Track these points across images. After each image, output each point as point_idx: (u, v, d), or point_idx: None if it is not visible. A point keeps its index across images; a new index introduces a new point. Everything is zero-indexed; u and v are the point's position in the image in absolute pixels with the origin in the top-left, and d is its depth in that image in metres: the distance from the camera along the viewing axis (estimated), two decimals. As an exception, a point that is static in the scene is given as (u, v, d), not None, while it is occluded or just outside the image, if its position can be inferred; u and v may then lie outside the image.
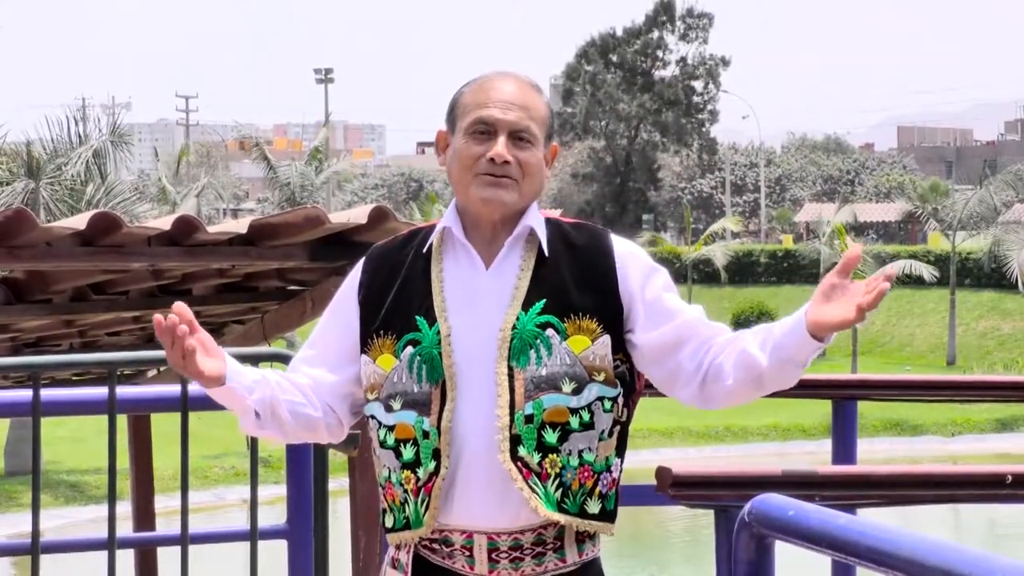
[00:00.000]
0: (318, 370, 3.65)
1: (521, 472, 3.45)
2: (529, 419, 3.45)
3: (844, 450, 6.20)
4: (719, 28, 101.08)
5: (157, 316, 3.37)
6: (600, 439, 3.52)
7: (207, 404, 5.47)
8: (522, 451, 3.45)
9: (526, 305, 3.50)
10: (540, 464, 3.46)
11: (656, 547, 26.82)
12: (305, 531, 5.28)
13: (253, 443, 5.44)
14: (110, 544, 5.20)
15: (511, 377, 3.46)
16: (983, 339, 61.57)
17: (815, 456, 35.31)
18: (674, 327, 3.55)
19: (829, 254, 61.90)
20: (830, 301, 3.39)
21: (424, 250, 3.60)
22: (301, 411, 3.59)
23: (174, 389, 5.36)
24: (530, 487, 3.44)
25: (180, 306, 3.35)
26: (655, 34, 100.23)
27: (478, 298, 3.53)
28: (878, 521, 3.10)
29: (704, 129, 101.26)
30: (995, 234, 59.59)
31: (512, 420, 3.45)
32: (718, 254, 69.19)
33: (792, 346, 3.43)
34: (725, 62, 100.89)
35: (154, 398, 5.75)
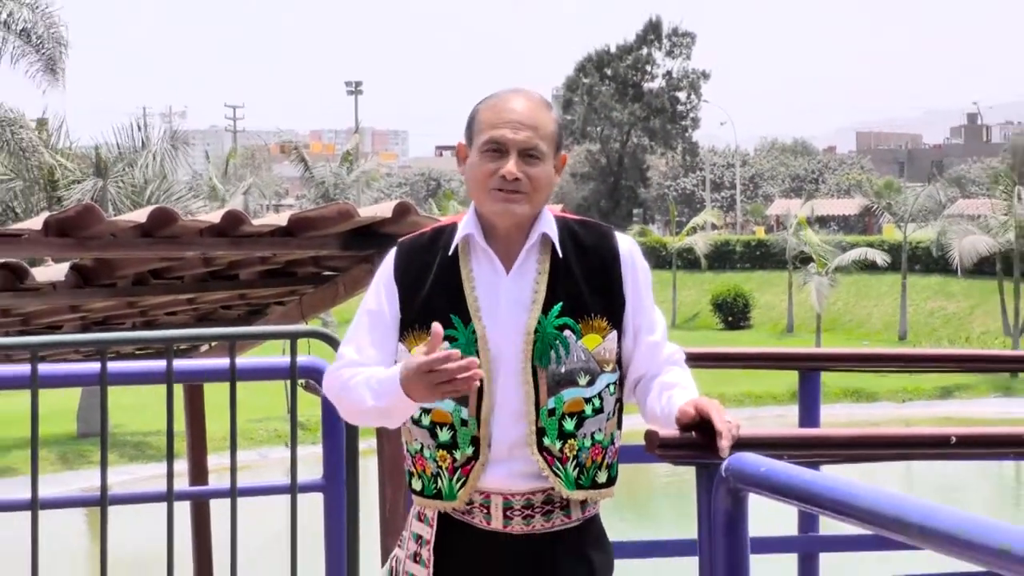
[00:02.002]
0: (374, 362, 3.55)
1: (546, 460, 3.45)
2: (552, 412, 3.45)
3: (809, 415, 6.20)
4: (701, 45, 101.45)
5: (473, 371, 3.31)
6: (607, 419, 3.53)
7: (251, 375, 5.49)
8: (547, 441, 3.45)
9: (546, 309, 3.47)
10: (561, 450, 3.46)
11: (646, 501, 26.83)
12: (339, 486, 5.28)
13: (293, 408, 5.43)
14: (168, 497, 5.21)
15: (535, 375, 3.45)
16: (930, 318, 61.57)
17: (784, 419, 35.35)
18: (647, 346, 3.60)
19: (795, 243, 61.94)
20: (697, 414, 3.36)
21: (450, 252, 3.54)
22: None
23: (223, 362, 5.36)
24: (554, 473, 3.45)
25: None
26: (644, 51, 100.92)
27: (501, 300, 3.50)
28: (839, 476, 3.10)
29: (687, 134, 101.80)
30: (941, 226, 59.58)
31: (538, 415, 3.46)
32: (699, 243, 69.28)
33: (663, 419, 3.46)
34: (705, 75, 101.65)
35: (206, 369, 5.75)
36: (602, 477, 3.52)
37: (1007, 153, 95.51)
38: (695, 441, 3.35)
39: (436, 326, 3.31)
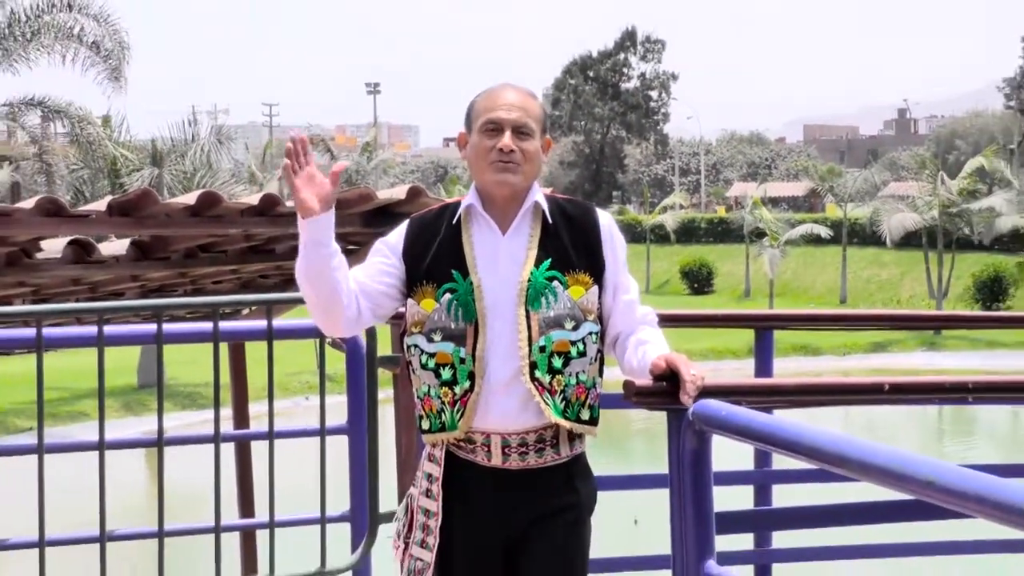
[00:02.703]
0: (362, 281, 3.57)
1: (537, 389, 3.47)
2: (542, 349, 3.47)
3: (763, 367, 6.21)
4: (670, 51, 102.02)
5: (289, 143, 3.45)
6: (590, 363, 3.55)
7: (285, 334, 5.48)
8: (538, 373, 3.47)
9: (537, 263, 3.51)
10: (550, 383, 3.48)
11: (625, 443, 26.87)
12: (361, 430, 5.28)
13: (321, 363, 5.44)
14: (216, 439, 5.21)
15: (528, 318, 3.48)
16: (866, 284, 61.60)
17: (742, 371, 35.26)
18: (624, 304, 3.61)
19: (751, 220, 61.93)
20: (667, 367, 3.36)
21: (454, 221, 3.59)
22: (340, 288, 3.48)
23: (262, 323, 5.35)
24: (543, 401, 3.47)
25: (302, 138, 3.44)
26: (621, 56, 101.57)
27: (498, 257, 3.53)
28: (789, 419, 3.10)
29: (659, 127, 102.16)
30: (875, 205, 59.61)
31: (530, 350, 3.47)
32: (669, 221, 69.23)
33: (638, 371, 3.46)
34: (674, 77, 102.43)
35: (247, 330, 5.76)
36: (585, 415, 3.53)
37: (932, 143, 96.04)
38: (666, 390, 3.35)
39: (292, 135, 3.46)
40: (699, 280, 67.03)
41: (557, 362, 3.48)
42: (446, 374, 3.50)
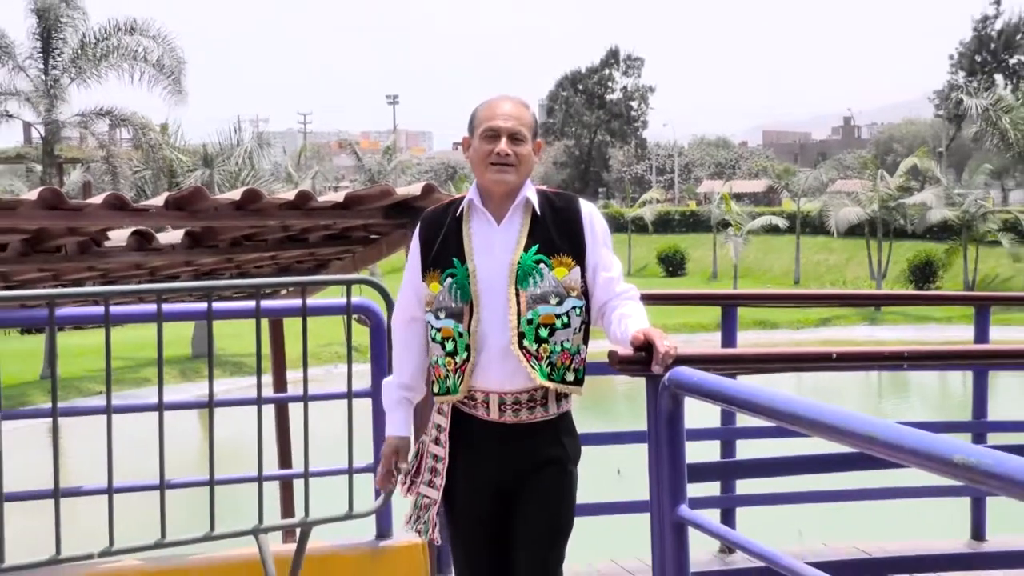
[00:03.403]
0: (415, 305, 3.70)
1: (525, 356, 3.48)
2: (530, 322, 3.48)
3: (728, 338, 6.20)
4: (648, 67, 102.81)
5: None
6: (574, 334, 3.55)
7: (318, 312, 5.48)
8: (526, 343, 3.48)
9: (526, 248, 3.52)
10: (537, 351, 3.49)
11: (609, 404, 26.88)
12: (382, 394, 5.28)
13: (348, 336, 5.43)
14: (258, 401, 5.20)
15: (517, 295, 3.48)
16: (817, 267, 61.58)
17: (710, 343, 35.32)
18: (604, 279, 3.59)
19: (718, 213, 61.94)
20: (645, 339, 3.36)
21: (457, 214, 3.62)
22: (425, 354, 3.74)
23: (297, 302, 5.34)
24: (531, 366, 3.48)
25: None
26: (607, 71, 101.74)
27: (493, 244, 3.54)
28: (750, 384, 3.10)
29: (638, 133, 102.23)
30: (824, 200, 59.69)
31: (519, 323, 3.48)
32: (647, 213, 69.28)
33: (621, 342, 3.44)
34: (652, 90, 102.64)
35: (285, 308, 5.75)
36: (570, 377, 3.54)
37: (872, 146, 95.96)
38: (644, 359, 3.35)
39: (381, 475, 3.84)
40: (673, 264, 67.04)
41: (543, 333, 3.48)
42: (449, 346, 3.55)
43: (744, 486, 6.31)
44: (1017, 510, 2.58)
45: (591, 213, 3.63)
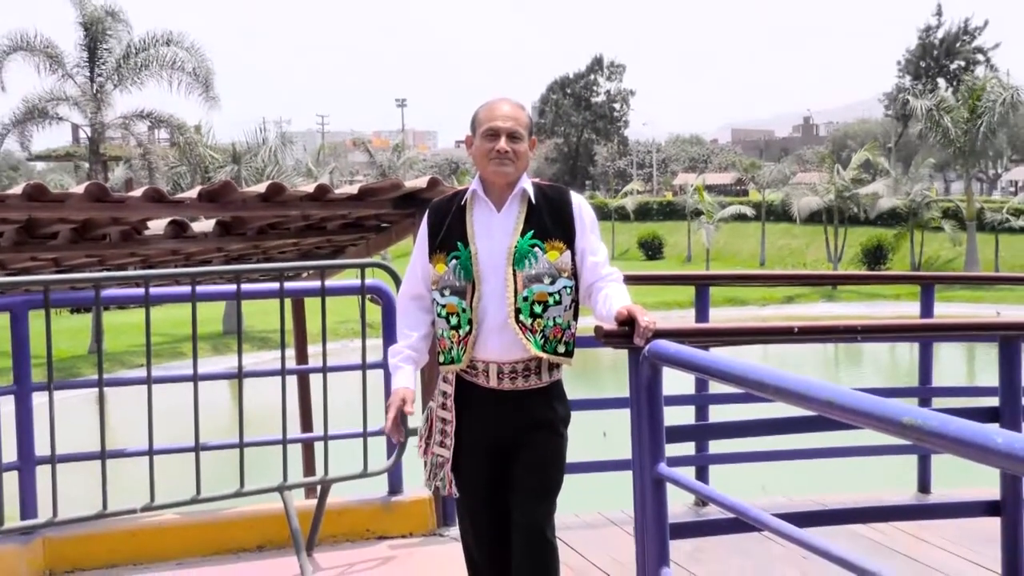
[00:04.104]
0: (420, 284, 3.69)
1: (521, 330, 3.48)
2: (525, 299, 3.48)
3: (702, 315, 6.20)
4: (629, 72, 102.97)
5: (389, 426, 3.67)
6: (565, 310, 3.54)
7: (335, 292, 5.47)
8: (522, 317, 3.48)
9: (522, 233, 3.51)
10: (532, 325, 3.48)
11: (596, 373, 26.89)
12: (394, 364, 5.27)
13: (362, 314, 5.42)
14: (282, 372, 5.20)
15: (515, 275, 3.48)
16: (780, 251, 61.63)
17: (686, 319, 35.32)
18: (591, 263, 3.58)
19: (692, 202, 61.95)
20: (628, 315, 3.36)
21: (462, 203, 3.61)
22: (428, 325, 3.71)
23: (317, 284, 5.34)
24: (526, 338, 3.48)
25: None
26: (592, 76, 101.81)
27: (493, 230, 3.54)
28: (721, 355, 3.09)
29: (621, 132, 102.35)
30: (786, 191, 59.66)
31: (516, 300, 3.48)
32: (629, 203, 69.39)
33: (606, 318, 3.44)
34: (632, 93, 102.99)
35: (305, 289, 5.73)
36: (561, 349, 3.54)
37: (829, 142, 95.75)
38: (627, 333, 3.35)
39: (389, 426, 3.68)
40: (652, 249, 67.06)
41: (537, 309, 3.48)
42: (453, 320, 3.55)
43: (716, 446, 6.31)
44: (958, 466, 2.58)
45: (580, 203, 3.62)
